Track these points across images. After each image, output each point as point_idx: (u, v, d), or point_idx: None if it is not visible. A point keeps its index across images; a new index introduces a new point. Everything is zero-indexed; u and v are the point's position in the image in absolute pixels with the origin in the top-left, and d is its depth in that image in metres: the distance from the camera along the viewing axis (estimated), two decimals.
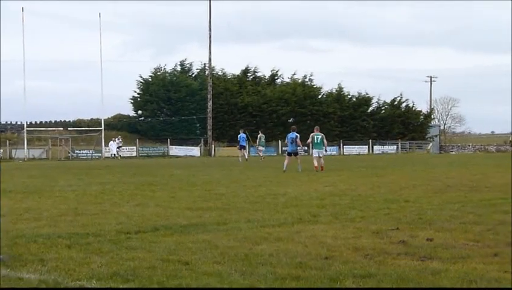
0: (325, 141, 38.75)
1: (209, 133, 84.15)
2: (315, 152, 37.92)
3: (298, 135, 38.63)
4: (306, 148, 69.97)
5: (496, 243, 11.84)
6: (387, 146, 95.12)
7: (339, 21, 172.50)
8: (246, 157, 56.42)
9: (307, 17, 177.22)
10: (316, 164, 36.41)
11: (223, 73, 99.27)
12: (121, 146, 75.48)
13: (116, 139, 76.21)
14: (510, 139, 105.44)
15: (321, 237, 12.64)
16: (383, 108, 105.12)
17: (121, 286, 8.54)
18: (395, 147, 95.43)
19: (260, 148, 59.95)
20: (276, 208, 17.93)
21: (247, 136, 59.15)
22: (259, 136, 60.21)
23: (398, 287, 7.59)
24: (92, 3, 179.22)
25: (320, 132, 39.06)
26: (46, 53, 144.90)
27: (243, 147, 56.98)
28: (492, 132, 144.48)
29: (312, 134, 38.66)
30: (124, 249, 11.42)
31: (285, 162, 36.79)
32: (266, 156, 64.44)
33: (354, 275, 8.99)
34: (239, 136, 57.63)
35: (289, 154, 38.34)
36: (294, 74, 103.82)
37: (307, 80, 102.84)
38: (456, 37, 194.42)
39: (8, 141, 78.62)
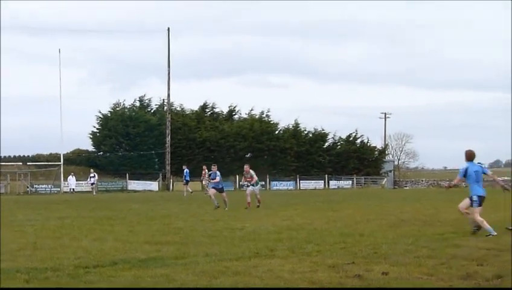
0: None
1: (168, 167, 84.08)
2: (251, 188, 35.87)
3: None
4: (263, 182, 70.51)
5: (450, 276, 11.95)
6: (342, 181, 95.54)
7: (296, 57, 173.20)
8: (190, 190, 57.17)
9: (265, 53, 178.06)
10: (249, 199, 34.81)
11: (182, 108, 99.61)
12: (94, 183, 74.63)
13: (90, 174, 75.56)
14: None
15: (278, 271, 12.68)
16: (339, 144, 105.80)
17: None
18: (350, 181, 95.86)
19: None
20: (234, 242, 17.95)
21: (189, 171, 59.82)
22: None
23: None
24: (51, 39, 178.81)
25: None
26: (5, 87, 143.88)
27: (187, 182, 57.95)
28: (445, 167, 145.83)
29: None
30: (83, 283, 11.39)
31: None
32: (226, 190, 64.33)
33: None
34: (184, 171, 58.28)
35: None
36: (252, 110, 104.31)
37: (264, 115, 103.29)
38: (410, 76, 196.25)
39: None
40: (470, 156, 20.04)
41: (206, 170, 58.91)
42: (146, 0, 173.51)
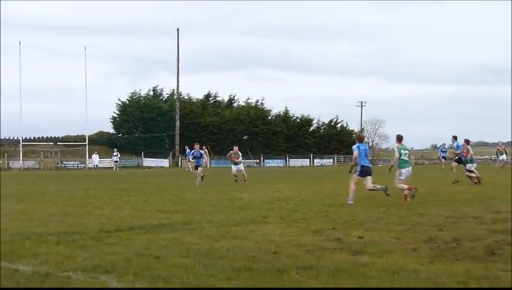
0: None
1: (177, 147, 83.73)
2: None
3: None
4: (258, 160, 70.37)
5: (415, 240, 11.94)
6: (325, 159, 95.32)
7: (288, 55, 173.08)
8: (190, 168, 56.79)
9: (261, 51, 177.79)
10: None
11: (189, 97, 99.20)
12: (117, 160, 74.85)
13: (114, 153, 75.76)
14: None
15: (270, 235, 12.66)
16: (322, 128, 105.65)
17: (101, 277, 8.46)
18: (331, 160, 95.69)
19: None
20: (233, 210, 17.92)
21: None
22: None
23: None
24: (78, 38, 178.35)
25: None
26: (40, 80, 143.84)
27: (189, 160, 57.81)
28: (412, 148, 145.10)
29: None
30: (105, 245, 11.35)
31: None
32: (225, 167, 64.39)
33: (298, 267, 9.00)
34: (187, 151, 57.35)
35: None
36: (248, 99, 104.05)
37: (259, 103, 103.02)
38: (383, 70, 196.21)
39: (6, 154, 77.96)
40: (360, 138, 22.07)
41: (206, 150, 58.59)
42: (160, 1, 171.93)
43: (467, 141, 30.87)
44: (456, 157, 31.14)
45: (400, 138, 22.18)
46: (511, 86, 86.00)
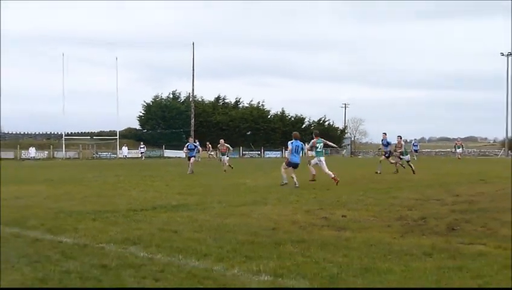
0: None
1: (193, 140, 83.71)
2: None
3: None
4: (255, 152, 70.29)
5: (389, 218, 11.96)
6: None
7: (284, 64, 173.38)
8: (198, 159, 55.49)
9: (262, 61, 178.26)
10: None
11: (202, 99, 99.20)
12: (143, 151, 75.33)
13: (141, 145, 76.45)
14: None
15: (269, 214, 12.69)
16: (312, 125, 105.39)
17: (130, 248, 8.52)
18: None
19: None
20: (239, 193, 17.97)
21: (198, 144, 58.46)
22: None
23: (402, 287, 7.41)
24: (111, 50, 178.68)
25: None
26: (79, 85, 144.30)
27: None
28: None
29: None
30: (132, 222, 11.41)
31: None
32: (231, 158, 64.38)
33: (292, 241, 9.05)
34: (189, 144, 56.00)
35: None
36: (251, 101, 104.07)
37: (260, 105, 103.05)
38: (363, 77, 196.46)
39: (51, 146, 78.39)
40: (296, 136, 22.24)
41: (210, 145, 58.02)
42: (178, 19, 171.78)
43: (400, 137, 32.31)
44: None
45: (316, 134, 23.79)
46: (506, 92, 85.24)
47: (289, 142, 21.52)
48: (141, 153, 75.10)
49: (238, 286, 6.18)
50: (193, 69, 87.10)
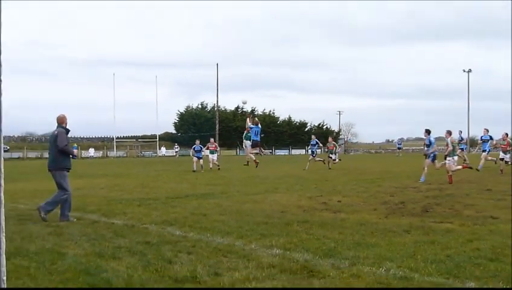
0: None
1: (216, 143, 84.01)
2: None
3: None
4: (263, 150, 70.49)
5: (375, 203, 11.93)
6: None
7: (289, 80, 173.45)
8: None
9: (272, 77, 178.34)
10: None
11: (224, 108, 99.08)
12: (177, 151, 75.97)
13: (175, 146, 77.49)
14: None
15: (279, 200, 12.70)
16: (313, 129, 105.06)
17: (167, 228, 8.54)
18: (320, 150, 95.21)
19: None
20: (254, 184, 17.98)
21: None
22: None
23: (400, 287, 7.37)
24: (151, 70, 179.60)
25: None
26: (127, 98, 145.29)
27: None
28: (373, 141, 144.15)
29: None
30: (169, 207, 11.44)
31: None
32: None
33: (298, 221, 9.04)
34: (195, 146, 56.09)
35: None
36: (264, 109, 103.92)
37: (271, 112, 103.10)
38: (354, 89, 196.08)
39: (105, 147, 78.86)
40: (255, 122, 21.05)
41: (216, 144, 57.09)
42: (206, 44, 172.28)
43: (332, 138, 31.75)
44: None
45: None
46: (467, 101, 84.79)
47: (251, 128, 20.63)
48: (175, 152, 75.55)
49: (254, 258, 6.16)
50: (217, 84, 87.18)
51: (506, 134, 23.43)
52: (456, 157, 18.84)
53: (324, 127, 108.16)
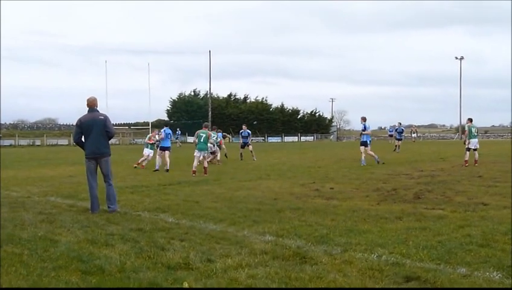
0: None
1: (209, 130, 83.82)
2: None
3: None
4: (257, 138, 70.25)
5: (367, 189, 11.98)
6: (308, 137, 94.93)
7: (283, 67, 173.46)
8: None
9: (265, 64, 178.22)
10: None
11: (217, 96, 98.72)
12: (178, 136, 75.82)
13: (177, 132, 77.19)
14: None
15: (272, 187, 12.72)
16: (306, 116, 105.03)
17: (160, 215, 8.53)
18: (312, 137, 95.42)
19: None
20: (247, 171, 17.98)
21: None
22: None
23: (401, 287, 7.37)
24: (144, 57, 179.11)
25: (218, 130, 25.76)
26: (119, 85, 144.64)
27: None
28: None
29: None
30: (162, 194, 11.43)
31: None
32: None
33: (290, 208, 9.06)
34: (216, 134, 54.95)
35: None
36: (257, 97, 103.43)
37: (264, 100, 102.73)
38: (346, 77, 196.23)
39: None
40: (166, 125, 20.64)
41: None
42: (198, 31, 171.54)
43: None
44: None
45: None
46: (459, 88, 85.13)
47: (162, 130, 20.34)
48: (176, 138, 75.48)
49: (247, 245, 6.17)
50: (210, 72, 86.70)
51: None
52: (473, 140, 19.38)
53: (317, 114, 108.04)
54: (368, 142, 20.60)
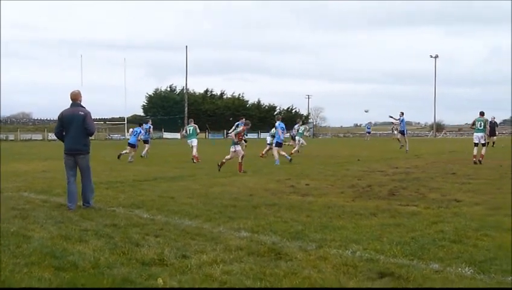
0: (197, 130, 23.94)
1: (185, 126, 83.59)
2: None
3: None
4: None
5: (342, 186, 12.05)
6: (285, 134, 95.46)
7: (259, 64, 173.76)
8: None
9: (242, 61, 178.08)
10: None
11: (194, 91, 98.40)
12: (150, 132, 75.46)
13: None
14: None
15: (247, 183, 12.71)
16: (282, 112, 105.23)
17: (135, 211, 8.47)
18: (288, 134, 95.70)
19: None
20: (223, 167, 17.91)
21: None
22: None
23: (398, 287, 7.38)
24: (119, 52, 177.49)
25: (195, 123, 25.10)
26: (95, 79, 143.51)
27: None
28: (341, 125, 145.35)
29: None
30: (137, 190, 11.34)
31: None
32: (216, 140, 64.61)
33: (266, 204, 9.06)
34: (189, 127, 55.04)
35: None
36: (233, 93, 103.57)
37: (240, 96, 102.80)
38: (322, 74, 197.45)
39: None
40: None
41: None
42: (175, 26, 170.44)
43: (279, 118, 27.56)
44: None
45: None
46: (434, 86, 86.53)
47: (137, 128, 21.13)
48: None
49: (222, 241, 6.16)
50: (186, 67, 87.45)
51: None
52: (476, 134, 19.41)
53: (293, 111, 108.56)
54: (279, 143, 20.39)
